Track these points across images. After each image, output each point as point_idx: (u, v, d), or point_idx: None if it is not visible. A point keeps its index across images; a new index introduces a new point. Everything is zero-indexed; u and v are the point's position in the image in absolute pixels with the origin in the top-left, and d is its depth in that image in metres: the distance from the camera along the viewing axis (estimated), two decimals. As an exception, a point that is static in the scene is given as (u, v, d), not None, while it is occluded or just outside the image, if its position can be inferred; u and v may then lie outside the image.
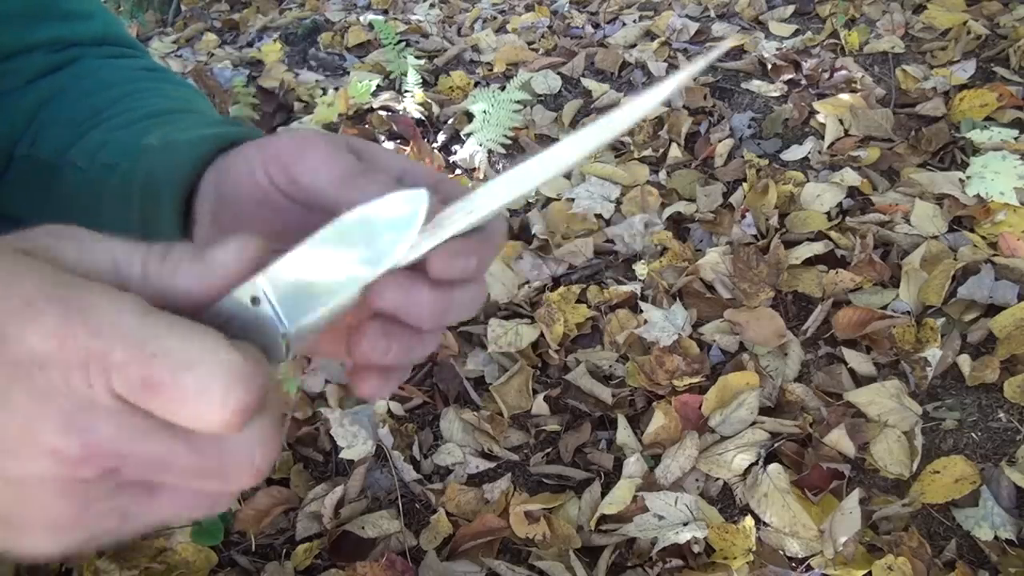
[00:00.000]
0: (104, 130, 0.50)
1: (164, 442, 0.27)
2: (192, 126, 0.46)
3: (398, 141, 2.03)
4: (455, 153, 1.98)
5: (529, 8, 2.65)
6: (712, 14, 2.39)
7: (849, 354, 1.36)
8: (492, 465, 1.31)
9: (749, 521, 1.15)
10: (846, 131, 1.82)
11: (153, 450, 0.27)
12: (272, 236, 0.33)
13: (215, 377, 0.27)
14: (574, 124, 2.00)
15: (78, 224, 0.35)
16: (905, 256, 1.47)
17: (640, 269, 1.57)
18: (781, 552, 1.14)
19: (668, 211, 1.68)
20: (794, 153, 1.81)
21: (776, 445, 1.24)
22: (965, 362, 1.30)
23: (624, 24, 2.39)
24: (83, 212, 0.48)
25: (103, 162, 0.47)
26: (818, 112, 1.86)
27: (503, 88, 1.98)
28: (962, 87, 1.84)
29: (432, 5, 2.79)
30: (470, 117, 2.01)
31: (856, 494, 1.13)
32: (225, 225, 0.39)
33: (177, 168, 0.41)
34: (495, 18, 2.62)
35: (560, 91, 2.13)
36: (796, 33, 2.20)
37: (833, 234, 1.55)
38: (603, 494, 1.23)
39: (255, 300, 0.30)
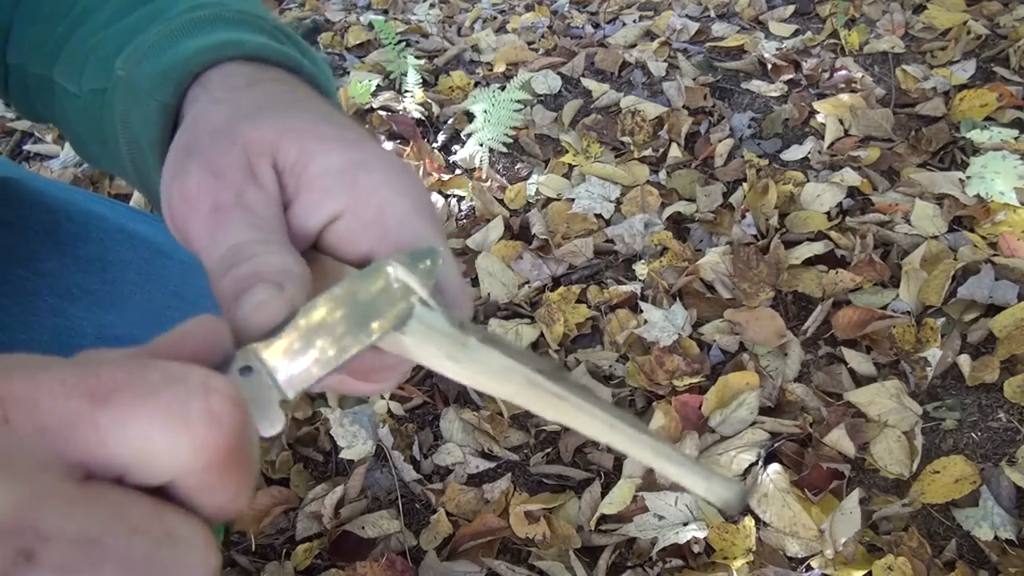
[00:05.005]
0: (80, 39, 0.42)
1: (105, 509, 0.18)
2: (159, 44, 0.37)
3: (398, 141, 2.03)
4: (455, 153, 1.98)
5: (529, 8, 2.65)
6: (712, 14, 2.39)
7: (849, 354, 1.36)
8: (492, 465, 1.31)
9: (749, 521, 1.15)
10: (846, 131, 1.82)
11: (88, 523, 0.18)
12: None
13: (195, 390, 0.20)
14: (574, 124, 2.00)
15: (97, 141, 0.34)
16: (905, 256, 1.47)
17: (640, 269, 1.57)
18: (781, 552, 1.14)
19: (668, 211, 1.68)
20: (794, 153, 1.81)
21: (776, 445, 1.24)
22: (965, 362, 1.30)
23: (624, 24, 2.39)
24: (94, 132, 0.43)
25: (90, 88, 0.41)
26: (818, 112, 1.86)
27: (503, 88, 1.98)
28: (962, 87, 1.84)
29: (432, 5, 2.78)
30: (470, 117, 2.01)
31: (856, 494, 1.13)
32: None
33: (146, 120, 0.35)
34: (495, 18, 2.62)
35: (560, 91, 2.13)
36: (796, 33, 2.20)
37: (833, 234, 1.55)
38: (603, 494, 1.23)
39: (246, 370, 0.26)
